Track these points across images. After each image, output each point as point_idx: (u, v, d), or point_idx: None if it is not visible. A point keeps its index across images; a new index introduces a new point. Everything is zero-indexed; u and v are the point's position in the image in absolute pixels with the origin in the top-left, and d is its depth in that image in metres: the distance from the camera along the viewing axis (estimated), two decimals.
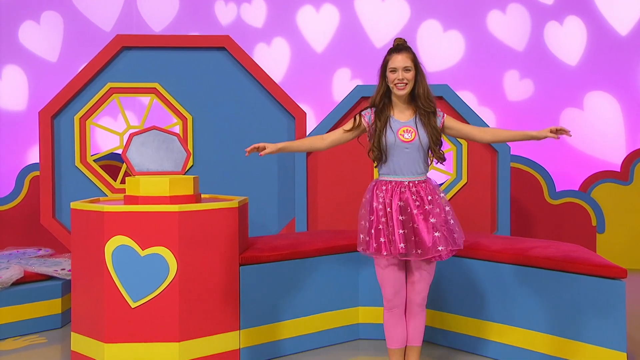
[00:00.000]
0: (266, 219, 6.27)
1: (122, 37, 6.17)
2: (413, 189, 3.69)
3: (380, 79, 3.80)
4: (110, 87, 6.13)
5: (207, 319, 4.30)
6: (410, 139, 3.69)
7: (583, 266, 4.07)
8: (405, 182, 3.70)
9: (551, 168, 8.13)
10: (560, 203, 7.60)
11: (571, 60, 8.71)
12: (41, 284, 5.31)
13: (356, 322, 5.00)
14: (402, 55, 3.71)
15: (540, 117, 8.65)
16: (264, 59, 8.64)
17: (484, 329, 4.57)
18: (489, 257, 4.55)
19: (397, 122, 3.74)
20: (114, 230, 4.15)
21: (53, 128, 6.13)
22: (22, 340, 5.06)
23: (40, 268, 5.40)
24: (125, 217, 4.17)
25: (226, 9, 8.77)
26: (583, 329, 4.08)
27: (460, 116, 6.01)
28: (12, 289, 5.16)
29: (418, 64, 3.76)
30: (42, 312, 5.25)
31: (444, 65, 8.74)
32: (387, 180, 3.74)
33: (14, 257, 5.80)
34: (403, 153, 3.70)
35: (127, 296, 4.17)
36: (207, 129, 6.25)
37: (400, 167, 3.71)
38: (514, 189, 7.54)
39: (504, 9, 8.73)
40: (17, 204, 7.35)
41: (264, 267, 4.54)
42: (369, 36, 8.67)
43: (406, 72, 3.69)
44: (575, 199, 7.61)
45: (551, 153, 8.46)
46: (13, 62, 8.61)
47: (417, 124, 3.73)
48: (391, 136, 3.69)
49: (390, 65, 3.72)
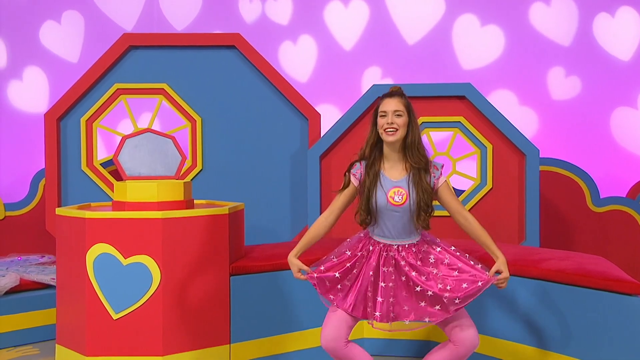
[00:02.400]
0: (278, 226, 6.21)
1: (129, 36, 6.21)
2: (402, 254, 3.56)
3: (371, 127, 3.65)
4: (117, 88, 6.17)
5: (194, 332, 4.27)
6: (401, 202, 3.53)
7: (597, 280, 3.91)
8: (394, 245, 3.59)
9: (597, 172, 7.86)
10: (605, 211, 7.30)
11: (624, 55, 8.40)
12: (37, 292, 5.36)
13: (361, 337, 4.89)
14: (395, 100, 3.58)
15: (589, 117, 8.38)
16: (290, 57, 8.60)
17: (492, 345, 4.42)
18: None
19: (388, 180, 3.58)
20: (95, 237, 4.16)
21: (59, 131, 6.21)
22: (15, 351, 5.11)
23: (38, 276, 5.44)
24: (107, 224, 4.17)
25: (250, 5, 8.75)
26: (596, 347, 3.90)
27: (487, 118, 5.86)
28: (7, 297, 5.22)
29: (411, 111, 3.60)
30: (37, 322, 5.30)
31: (481, 63, 8.53)
32: (376, 241, 3.63)
33: (15, 264, 5.88)
34: (392, 216, 3.56)
35: (109, 307, 4.17)
36: (217, 132, 6.23)
37: (389, 230, 3.58)
38: (553, 196, 7.31)
39: (548, 1, 8.49)
40: (31, 209, 7.44)
41: (257, 277, 4.50)
42: (400, 33, 8.52)
43: (397, 117, 3.53)
44: (622, 206, 7.30)
45: (598, 156, 8.18)
46: (34, 63, 8.77)
47: (410, 184, 3.56)
48: (382, 197, 3.55)
49: (381, 109, 3.58)
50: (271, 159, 6.24)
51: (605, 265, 4.15)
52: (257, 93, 6.23)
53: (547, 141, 8.31)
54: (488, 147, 5.93)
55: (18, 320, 5.22)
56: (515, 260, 4.34)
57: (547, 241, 7.00)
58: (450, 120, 5.97)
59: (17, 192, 7.94)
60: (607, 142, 8.35)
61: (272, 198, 6.22)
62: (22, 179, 7.98)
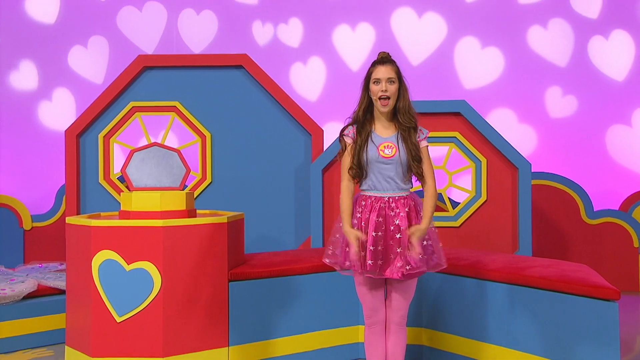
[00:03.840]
0: (283, 235, 6.17)
1: (143, 58, 6.22)
2: (392, 205, 3.52)
3: (363, 91, 3.65)
4: (132, 106, 6.19)
5: (193, 335, 4.22)
6: (391, 154, 3.54)
7: (576, 286, 3.80)
8: (385, 197, 3.54)
9: (593, 186, 7.75)
10: (598, 223, 7.18)
11: (618, 75, 8.32)
12: (53, 297, 5.33)
13: (356, 341, 4.81)
14: (387, 67, 3.58)
15: (585, 134, 8.29)
16: (300, 78, 8.60)
17: (478, 350, 4.32)
18: (486, 276, 4.30)
19: (379, 137, 3.58)
20: (100, 244, 4.13)
21: (78, 146, 6.23)
22: (30, 353, 5.09)
23: (55, 282, 5.43)
24: (112, 231, 4.14)
25: (263, 29, 8.77)
26: (576, 352, 3.80)
27: (481, 134, 5.79)
28: (24, 302, 5.21)
29: (401, 78, 3.61)
30: (52, 325, 5.26)
31: (482, 83, 8.48)
32: (367, 196, 3.59)
33: (35, 271, 5.87)
34: (383, 169, 3.54)
35: (112, 310, 4.13)
36: (226, 146, 6.22)
37: (380, 183, 3.56)
38: (549, 209, 7.21)
39: (545, 25, 8.42)
40: (55, 220, 7.50)
41: (255, 283, 4.43)
42: (405, 54, 8.48)
43: (390, 83, 3.54)
44: (614, 218, 7.18)
45: (594, 171, 8.07)
46: (62, 84, 8.86)
47: (399, 139, 3.57)
48: (372, 151, 3.54)
49: (374, 77, 3.57)
50: (276, 172, 6.21)
51: (587, 272, 4.04)
52: (264, 110, 6.22)
53: (545, 157, 8.22)
54: (482, 161, 5.85)
55: (35, 324, 5.21)
56: (503, 268, 4.25)
57: (543, 252, 6.91)
58: (446, 136, 5.91)
59: (43, 205, 7.99)
60: (603, 157, 8.24)
61: (277, 209, 6.19)
62: (48, 193, 8.03)
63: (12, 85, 8.92)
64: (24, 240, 7.50)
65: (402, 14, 8.62)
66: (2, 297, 5.09)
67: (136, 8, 8.86)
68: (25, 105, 8.88)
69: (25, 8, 8.93)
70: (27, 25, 8.93)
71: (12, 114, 8.86)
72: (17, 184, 8.53)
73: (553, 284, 3.91)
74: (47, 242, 7.46)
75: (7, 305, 5.11)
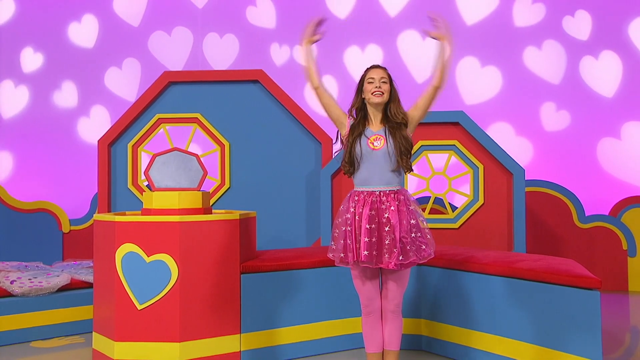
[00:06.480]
0: (294, 237, 6.12)
1: (168, 74, 6.25)
2: (383, 198, 3.47)
3: (357, 94, 3.63)
4: (158, 117, 6.20)
5: (207, 322, 4.18)
6: (379, 146, 3.50)
7: (561, 277, 3.73)
8: (376, 191, 3.49)
9: (584, 193, 7.63)
10: (589, 227, 7.07)
11: (607, 92, 8.21)
12: (85, 290, 5.33)
13: (359, 332, 4.74)
14: (380, 70, 3.60)
15: (577, 146, 8.17)
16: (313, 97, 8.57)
17: (473, 338, 4.23)
18: (480, 270, 4.23)
19: (369, 131, 3.56)
20: (123, 238, 4.12)
21: (110, 154, 6.24)
22: (65, 339, 5.11)
23: (86, 277, 5.44)
24: (133, 226, 4.13)
25: (280, 50, 8.78)
26: (563, 338, 3.71)
27: (478, 142, 5.73)
28: (59, 294, 5.22)
29: (392, 82, 3.61)
30: (84, 315, 5.27)
31: (481, 99, 8.41)
32: (359, 191, 3.54)
33: (70, 267, 5.89)
34: (373, 162, 3.50)
35: (134, 299, 4.11)
36: (243, 154, 6.20)
37: (371, 177, 3.51)
38: (543, 214, 7.11)
39: (539, 45, 8.35)
40: (90, 224, 7.50)
41: (265, 275, 4.39)
42: (410, 73, 8.45)
43: (383, 83, 3.54)
44: (605, 223, 7.07)
45: (585, 179, 7.97)
46: (99, 102, 8.93)
47: (387, 133, 3.53)
48: (363, 143, 3.51)
49: (369, 77, 3.58)
50: (289, 178, 6.18)
51: (572, 265, 3.95)
52: (277, 121, 6.20)
53: (540, 167, 8.12)
54: (480, 167, 5.78)
55: (68, 314, 5.22)
56: (495, 262, 4.17)
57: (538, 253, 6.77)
58: (445, 144, 5.85)
59: (80, 210, 8.02)
60: (593, 167, 8.12)
61: (289, 212, 6.15)
62: (84, 199, 8.05)
63: (55, 103, 9.01)
64: (62, 242, 7.53)
65: (407, 36, 8.59)
66: (39, 288, 5.12)
67: (165, 32, 8.92)
68: (66, 121, 8.96)
69: (68, 34, 9.03)
70: (69, 49, 9.02)
71: (54, 129, 8.94)
72: (58, 191, 8.58)
73: (540, 275, 3.83)
74: (83, 243, 7.47)
75: (43, 296, 5.14)
